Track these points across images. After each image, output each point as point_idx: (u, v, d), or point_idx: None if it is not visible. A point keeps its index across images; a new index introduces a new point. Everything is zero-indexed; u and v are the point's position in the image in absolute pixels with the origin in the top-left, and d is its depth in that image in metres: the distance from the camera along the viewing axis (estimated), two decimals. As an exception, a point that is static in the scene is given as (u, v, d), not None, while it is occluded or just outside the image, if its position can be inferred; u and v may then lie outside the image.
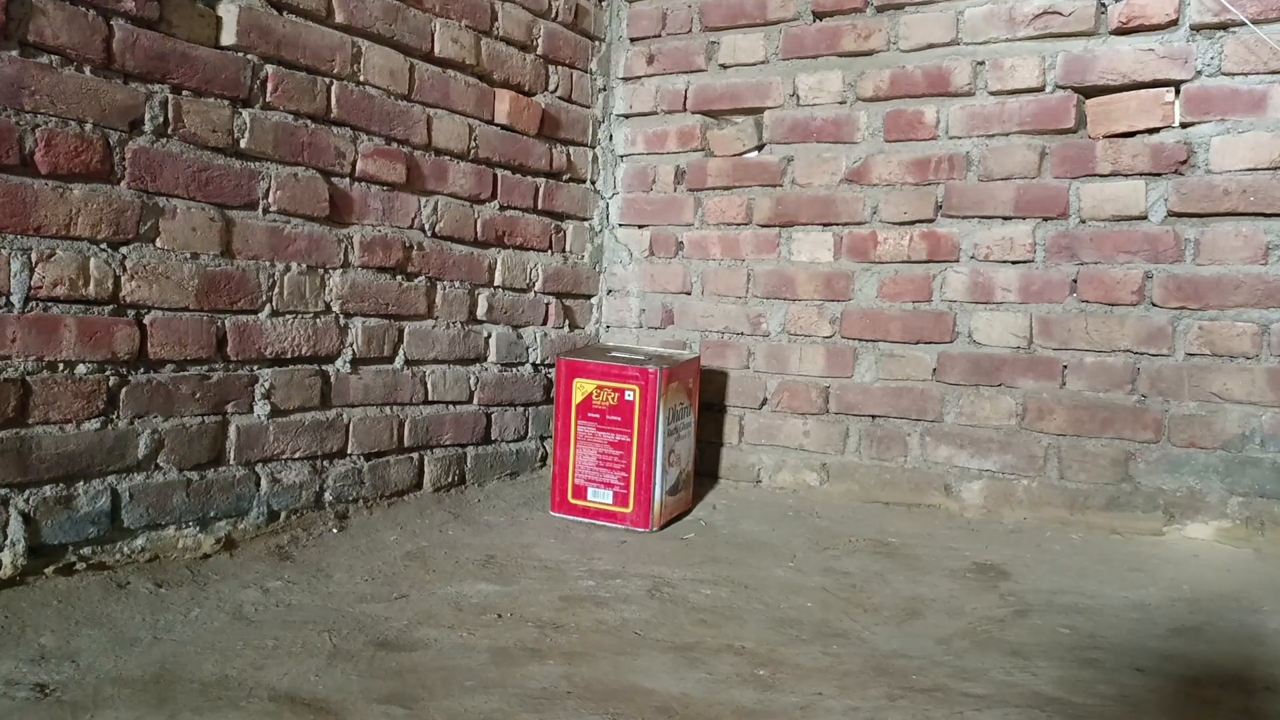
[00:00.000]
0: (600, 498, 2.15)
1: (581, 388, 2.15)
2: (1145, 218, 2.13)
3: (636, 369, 2.11)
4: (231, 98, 1.80)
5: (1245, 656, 1.44)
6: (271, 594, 1.56)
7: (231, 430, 1.83)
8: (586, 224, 2.74)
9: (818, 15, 2.50)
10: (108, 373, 1.63)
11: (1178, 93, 2.10)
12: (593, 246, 2.76)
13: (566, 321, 2.67)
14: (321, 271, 1.99)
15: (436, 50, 2.22)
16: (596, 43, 2.73)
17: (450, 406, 2.31)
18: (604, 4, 2.74)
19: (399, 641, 1.39)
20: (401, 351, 2.17)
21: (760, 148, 2.59)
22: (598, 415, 2.14)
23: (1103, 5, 2.17)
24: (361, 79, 2.05)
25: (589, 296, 2.76)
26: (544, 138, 2.55)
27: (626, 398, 2.11)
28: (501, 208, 2.44)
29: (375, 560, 1.79)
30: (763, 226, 2.58)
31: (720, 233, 2.64)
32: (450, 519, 2.11)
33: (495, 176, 2.41)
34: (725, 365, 2.61)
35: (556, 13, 2.57)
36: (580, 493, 2.17)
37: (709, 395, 2.58)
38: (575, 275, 2.70)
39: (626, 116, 2.78)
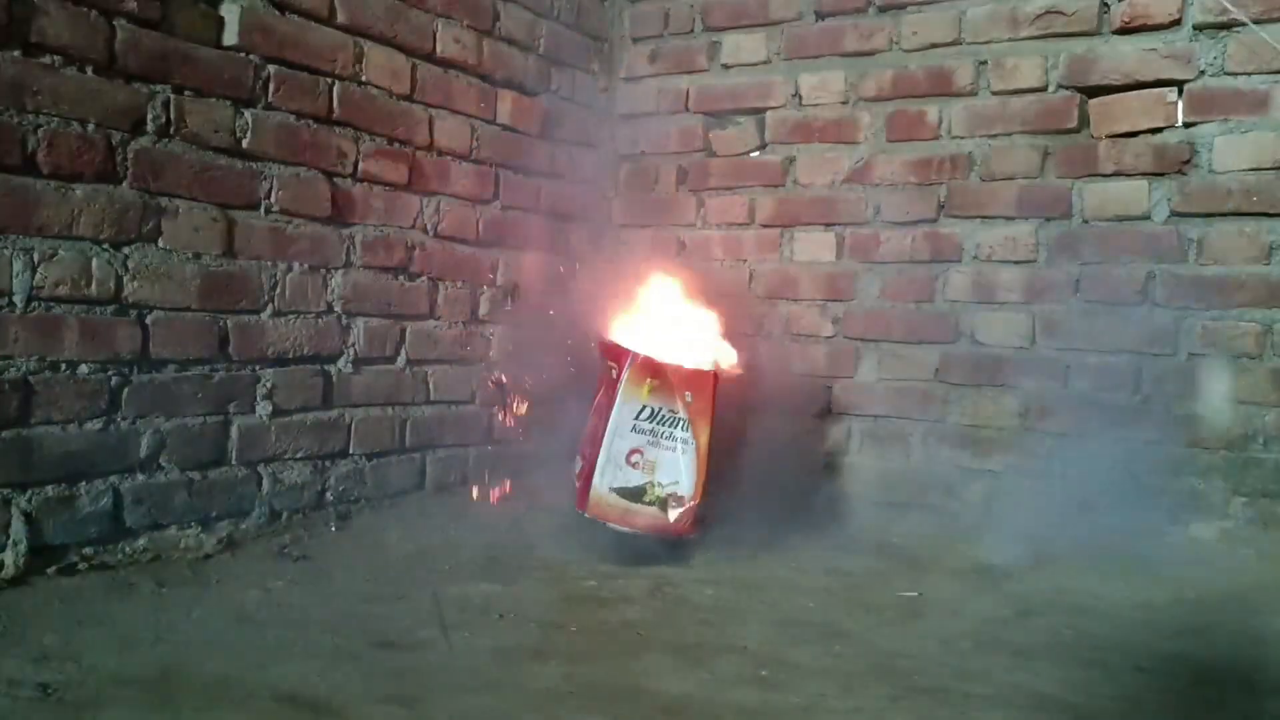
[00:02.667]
0: (574, 468, 2.06)
1: (606, 362, 2.08)
2: (1148, 217, 2.13)
3: (627, 349, 2.00)
4: (234, 98, 1.80)
5: (1249, 658, 1.44)
6: (273, 594, 1.56)
7: (233, 430, 1.83)
8: (588, 224, 2.74)
9: (820, 15, 2.49)
10: (110, 373, 1.63)
11: (1180, 92, 2.10)
12: (595, 247, 2.76)
13: (568, 322, 2.66)
14: (323, 271, 1.98)
15: (439, 50, 2.21)
16: (598, 42, 2.73)
17: (452, 406, 2.31)
18: (606, 3, 2.74)
19: (401, 641, 1.39)
20: (403, 351, 2.17)
21: (762, 148, 2.59)
22: (600, 387, 2.05)
23: (1105, 5, 2.16)
24: (364, 79, 2.05)
25: (591, 297, 2.76)
26: (546, 138, 2.55)
27: (612, 375, 2.04)
28: (504, 208, 2.44)
29: (377, 560, 1.79)
30: (765, 227, 2.57)
31: (722, 233, 2.63)
32: (452, 519, 2.11)
33: (497, 176, 2.41)
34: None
35: (558, 12, 2.57)
36: (571, 460, 2.08)
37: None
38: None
39: (629, 116, 2.78)
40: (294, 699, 1.17)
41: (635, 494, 1.99)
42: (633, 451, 2.00)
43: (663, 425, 1.99)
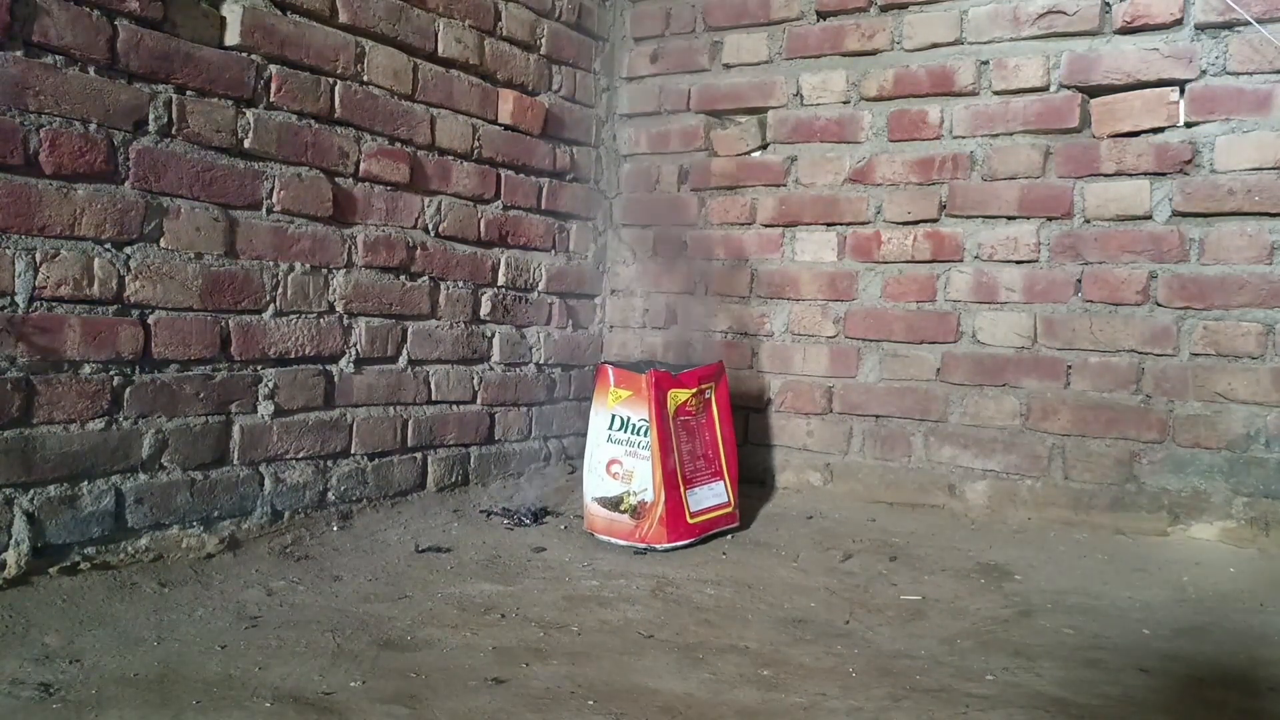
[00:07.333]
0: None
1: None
2: (1150, 217, 2.13)
3: (603, 363, 2.12)
4: (235, 98, 1.80)
5: (1250, 657, 1.44)
6: (275, 594, 1.56)
7: (235, 430, 1.83)
8: (590, 224, 2.74)
9: (821, 15, 2.49)
10: (112, 373, 1.63)
11: (1182, 92, 2.09)
12: (596, 246, 2.76)
13: (570, 321, 2.67)
14: (325, 271, 1.99)
15: (440, 50, 2.22)
16: (600, 42, 2.73)
17: (454, 406, 2.31)
18: (607, 3, 2.74)
19: (403, 641, 1.39)
20: (405, 351, 2.18)
21: (764, 147, 2.59)
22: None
23: (1107, 4, 2.16)
24: (365, 79, 2.05)
25: (593, 296, 2.76)
26: (548, 137, 2.55)
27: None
28: (505, 207, 2.44)
29: (379, 560, 1.79)
30: (766, 226, 2.57)
31: (724, 233, 2.63)
32: (454, 519, 2.11)
33: (499, 176, 2.41)
34: (729, 365, 2.60)
35: (560, 12, 2.57)
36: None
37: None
38: (579, 275, 2.70)
39: (630, 116, 2.78)
40: (295, 699, 1.17)
41: (614, 503, 2.03)
42: (612, 462, 2.05)
43: (636, 434, 2.03)
